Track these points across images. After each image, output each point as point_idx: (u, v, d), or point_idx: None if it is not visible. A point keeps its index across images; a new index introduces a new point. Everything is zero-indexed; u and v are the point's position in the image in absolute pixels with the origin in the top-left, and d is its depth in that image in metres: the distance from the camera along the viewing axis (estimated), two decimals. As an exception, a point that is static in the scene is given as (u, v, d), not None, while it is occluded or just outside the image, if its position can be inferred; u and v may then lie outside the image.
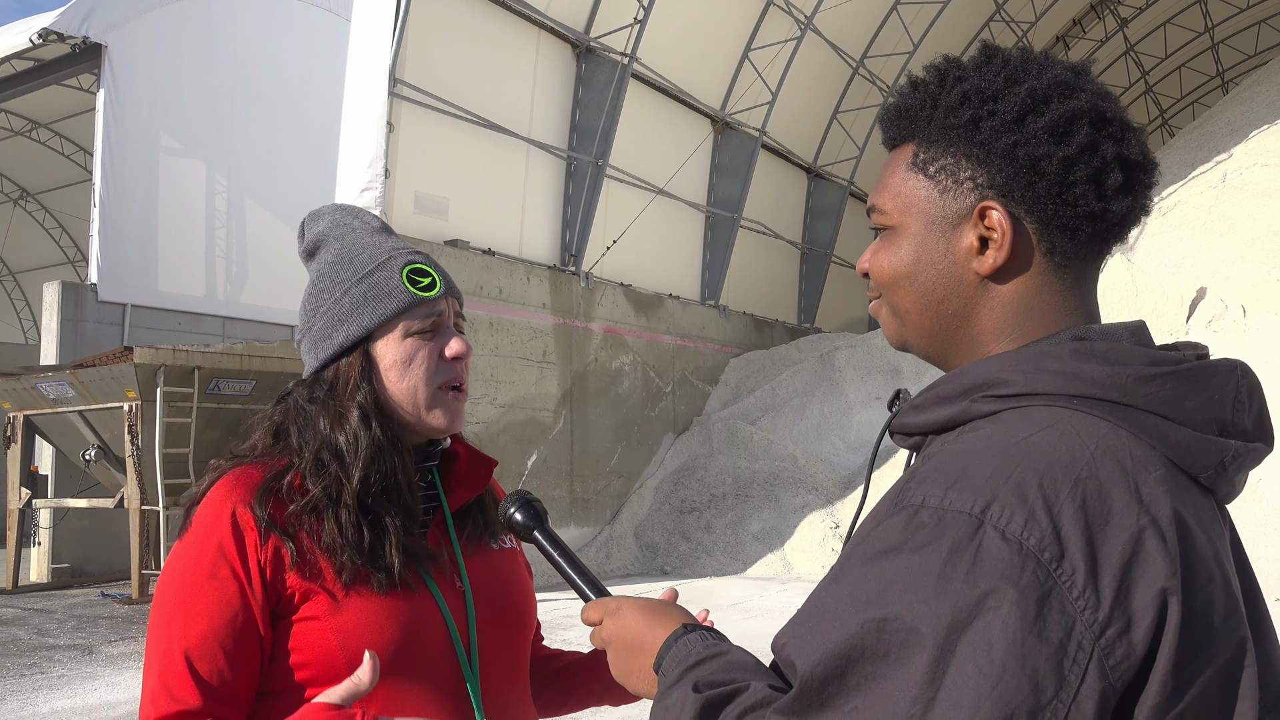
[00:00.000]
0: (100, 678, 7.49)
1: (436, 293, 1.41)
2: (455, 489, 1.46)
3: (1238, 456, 0.88)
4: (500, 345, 12.17)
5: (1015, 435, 0.85)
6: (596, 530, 13.32)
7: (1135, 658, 0.77)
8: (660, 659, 1.00)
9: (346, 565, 1.29)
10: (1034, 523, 0.78)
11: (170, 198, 16.65)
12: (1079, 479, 0.81)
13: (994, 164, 0.92)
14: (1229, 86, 28.06)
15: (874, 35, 18.82)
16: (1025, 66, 0.95)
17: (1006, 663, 0.74)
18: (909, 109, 0.99)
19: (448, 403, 1.40)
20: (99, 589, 12.60)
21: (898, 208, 0.99)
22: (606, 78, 13.82)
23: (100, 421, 11.62)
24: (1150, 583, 0.78)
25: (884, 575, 0.80)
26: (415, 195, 11.71)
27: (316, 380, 1.40)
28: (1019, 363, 0.90)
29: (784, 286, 19.35)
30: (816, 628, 0.82)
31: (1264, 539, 9.85)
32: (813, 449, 14.22)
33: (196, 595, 1.25)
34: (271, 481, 1.32)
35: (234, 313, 17.35)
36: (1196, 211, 14.34)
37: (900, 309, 1.00)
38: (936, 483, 0.83)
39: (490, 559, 1.46)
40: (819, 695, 0.80)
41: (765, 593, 10.63)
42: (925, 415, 0.94)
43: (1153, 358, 0.89)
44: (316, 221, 1.50)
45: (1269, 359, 11.82)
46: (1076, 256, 0.94)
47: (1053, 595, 0.76)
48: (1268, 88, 18.17)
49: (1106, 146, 0.91)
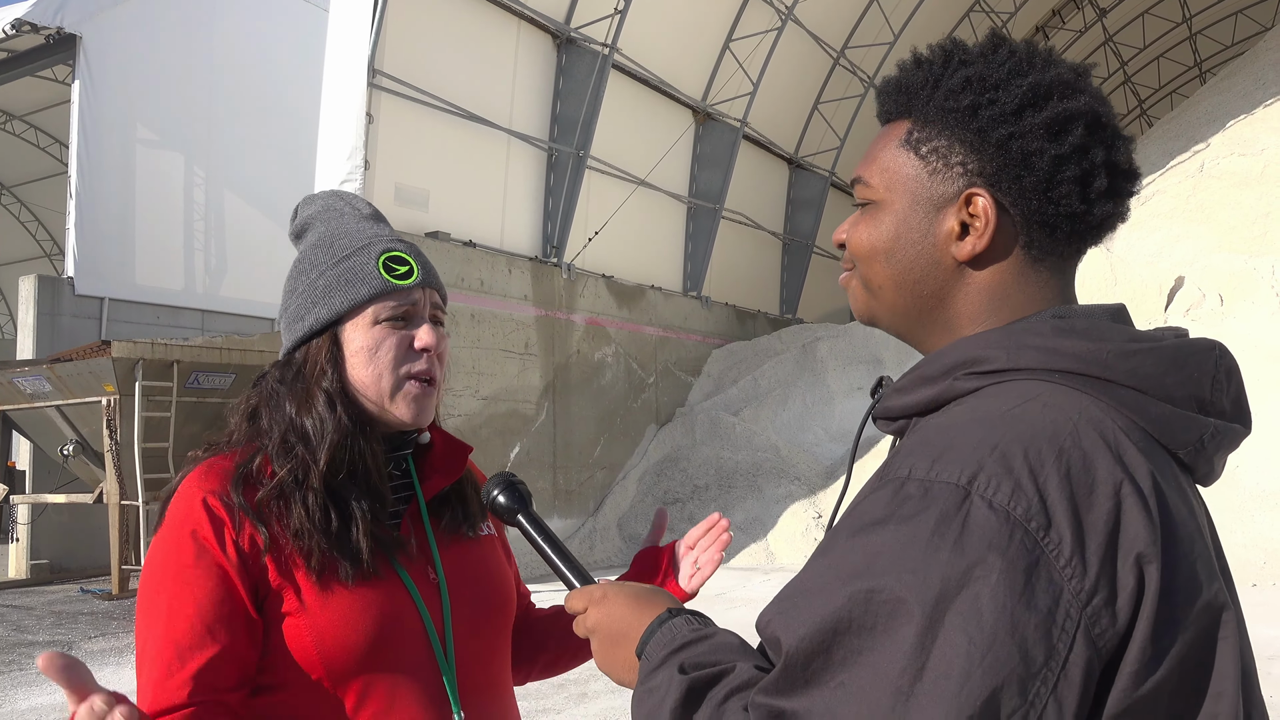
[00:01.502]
0: (80, 674, 7.44)
1: (412, 282, 1.39)
2: (430, 477, 1.45)
3: (1216, 435, 0.89)
4: (482, 337, 12.14)
5: (999, 407, 0.86)
6: (580, 522, 13.32)
7: (1120, 625, 0.77)
8: (644, 644, 0.99)
9: (314, 550, 1.28)
10: (1020, 492, 0.79)
11: (148, 190, 16.50)
12: (1063, 449, 0.81)
13: (987, 152, 0.93)
14: (1206, 77, 28.26)
15: (854, 26, 18.84)
16: (1030, 60, 0.95)
17: (996, 631, 0.74)
18: (909, 85, 0.99)
19: (413, 394, 1.38)
20: (78, 585, 12.51)
21: (884, 183, 0.99)
22: (587, 68, 13.78)
23: (78, 416, 11.52)
24: (1131, 550, 0.79)
25: (871, 547, 0.80)
26: (395, 187, 11.65)
27: (289, 361, 1.40)
28: (1002, 339, 0.90)
29: (766, 277, 19.38)
30: (802, 603, 0.82)
31: (1240, 524, 9.95)
32: (795, 439, 14.26)
33: (181, 585, 1.24)
34: (242, 468, 1.32)
35: (213, 306, 17.22)
36: (1175, 201, 14.44)
37: (874, 283, 1.00)
38: (922, 455, 0.84)
39: (467, 548, 1.45)
40: (804, 672, 0.79)
41: (749, 583, 10.66)
42: (909, 397, 0.94)
43: (1133, 335, 0.90)
44: (310, 205, 1.50)
45: (1245, 348, 11.93)
46: (1053, 253, 0.95)
47: (1040, 564, 0.77)
48: (1244, 78, 18.30)
49: (1097, 151, 0.92)
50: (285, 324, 1.42)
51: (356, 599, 1.29)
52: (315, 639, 1.26)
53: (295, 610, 1.27)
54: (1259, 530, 9.83)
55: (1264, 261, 13.10)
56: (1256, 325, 12.26)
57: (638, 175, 15.05)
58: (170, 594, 1.24)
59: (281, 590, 1.27)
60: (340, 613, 1.27)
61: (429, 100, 11.95)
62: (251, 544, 1.27)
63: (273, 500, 1.30)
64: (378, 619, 1.29)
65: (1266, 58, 18.60)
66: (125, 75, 16.08)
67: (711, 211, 16.71)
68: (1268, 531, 9.79)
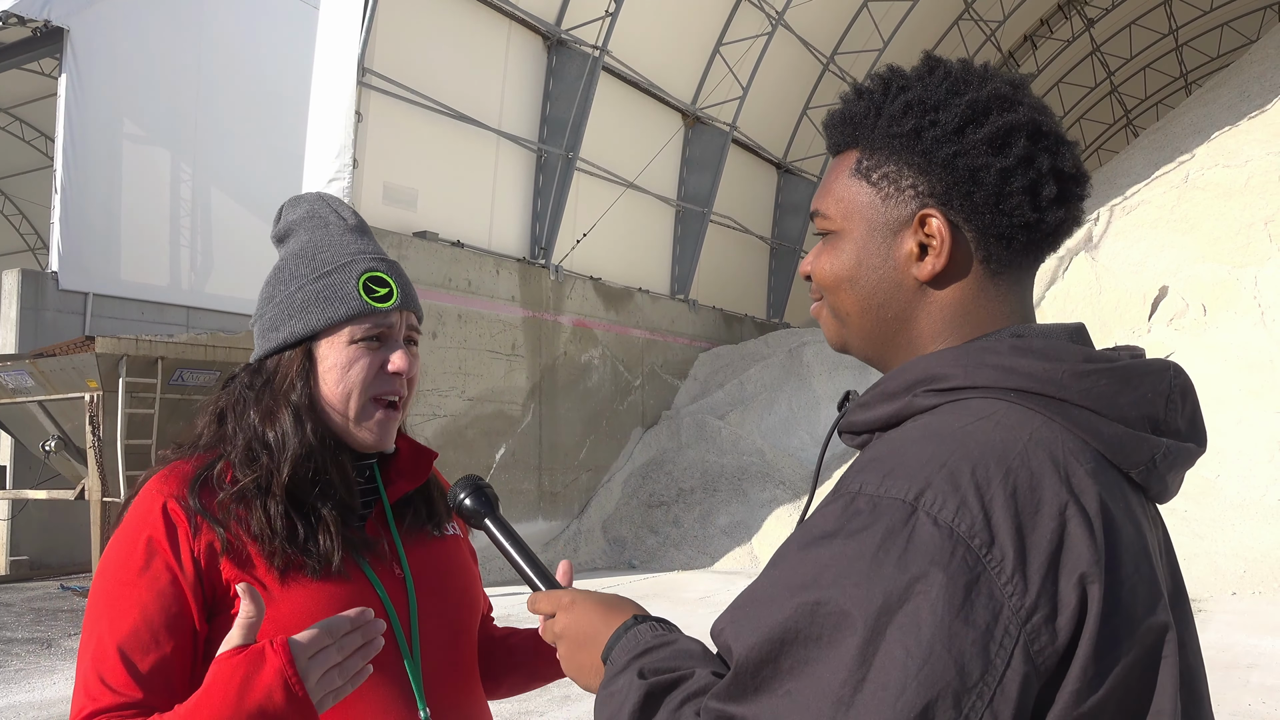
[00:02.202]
0: (59, 671, 7.39)
1: (390, 305, 1.40)
2: (395, 481, 1.46)
3: (1169, 455, 0.91)
4: (469, 338, 12.12)
5: (951, 425, 0.87)
6: (564, 524, 13.31)
7: (1060, 643, 0.79)
8: (609, 649, 1.01)
9: (277, 552, 1.29)
10: (965, 509, 0.80)
11: (134, 185, 16.40)
12: (1011, 468, 0.83)
13: (934, 173, 0.94)
14: (1192, 88, 28.47)
15: (844, 32, 18.91)
16: (966, 79, 0.97)
17: (933, 645, 0.76)
18: (853, 116, 1.01)
19: (378, 420, 1.39)
20: (58, 582, 12.42)
21: (840, 213, 1.01)
22: (577, 70, 13.78)
23: (60, 412, 11.44)
24: (1074, 570, 0.80)
25: (819, 560, 0.82)
26: (384, 186, 11.63)
27: (259, 368, 1.41)
28: (960, 358, 0.92)
29: (753, 281, 19.41)
30: (752, 612, 0.84)
31: (1221, 534, 10.02)
32: (780, 443, 14.28)
33: (129, 588, 1.25)
34: (202, 472, 1.33)
35: (199, 302, 17.12)
36: (1159, 211, 14.54)
37: (841, 311, 1.02)
38: (874, 470, 0.85)
39: (432, 547, 1.46)
40: (754, 679, 0.81)
41: (733, 586, 10.67)
42: (871, 412, 0.96)
43: (1088, 355, 0.91)
44: (295, 207, 1.49)
45: (1228, 357, 12.02)
46: (1011, 264, 0.96)
47: (981, 580, 0.78)
48: (1229, 90, 18.44)
49: (1042, 159, 0.94)
50: (260, 330, 1.42)
51: (319, 592, 1.30)
52: (275, 631, 1.26)
53: None
54: (1239, 540, 9.91)
55: (1247, 272, 13.21)
56: (1239, 335, 12.35)
57: (627, 178, 15.05)
58: (117, 596, 1.25)
59: None
60: (301, 604, 1.28)
61: (419, 100, 11.93)
62: (209, 549, 1.28)
63: (233, 503, 1.31)
64: (340, 612, 1.30)
65: (1251, 70, 18.75)
66: (113, 69, 15.99)
67: (700, 215, 16.73)
68: (1248, 541, 9.86)
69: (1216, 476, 10.81)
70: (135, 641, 1.22)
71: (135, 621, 1.23)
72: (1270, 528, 9.94)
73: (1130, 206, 15.01)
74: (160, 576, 1.25)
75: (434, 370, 11.44)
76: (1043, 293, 13.88)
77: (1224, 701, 5.69)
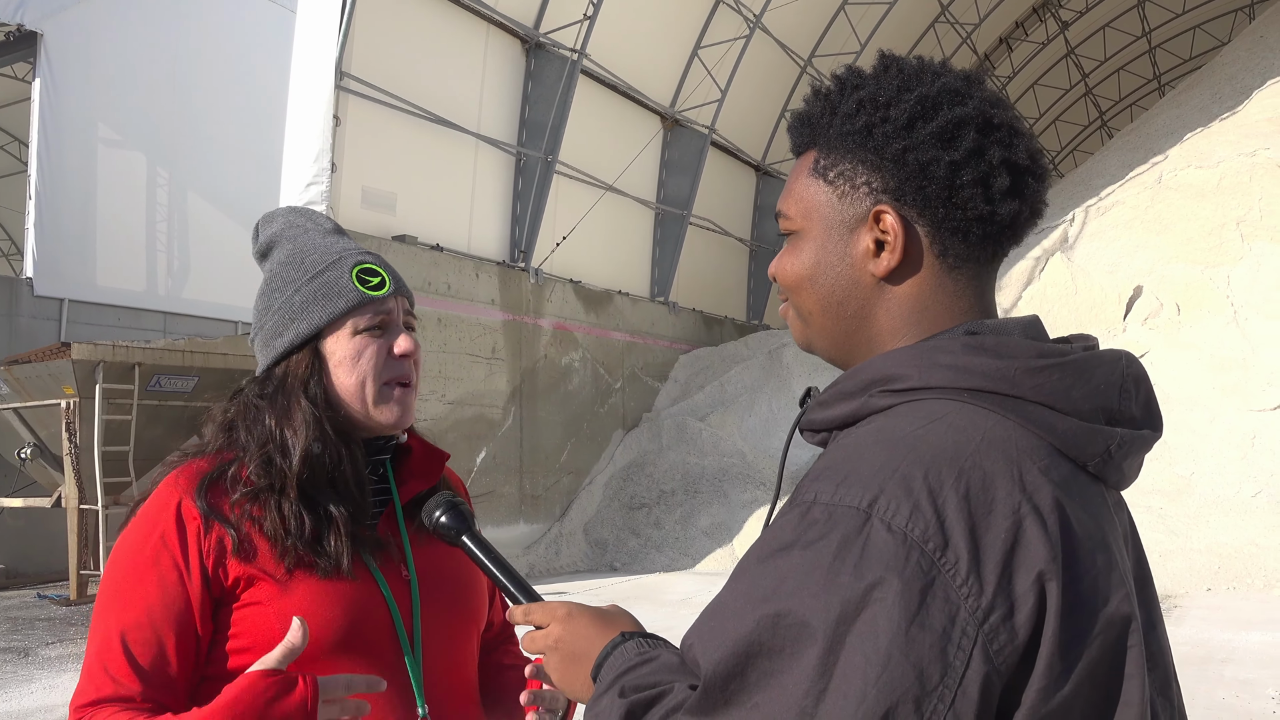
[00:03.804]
0: (37, 680, 7.33)
1: (386, 292, 1.44)
2: (407, 481, 1.49)
3: (1124, 444, 0.91)
4: (449, 341, 12.09)
5: (903, 429, 0.88)
6: (546, 527, 13.30)
7: (1019, 642, 0.79)
8: (598, 667, 1.03)
9: (289, 551, 1.32)
10: (918, 514, 0.81)
11: (109, 190, 16.26)
12: (963, 470, 0.83)
13: (886, 169, 0.95)
14: (1165, 90, 28.75)
15: (822, 35, 19.00)
16: (919, 75, 0.98)
17: (891, 651, 0.77)
18: (810, 116, 1.02)
19: (395, 398, 1.43)
20: (36, 590, 12.30)
21: (800, 213, 1.01)
22: (556, 74, 13.78)
23: (36, 419, 11.33)
24: (1030, 568, 0.80)
25: (778, 571, 0.83)
26: (362, 190, 11.59)
27: (267, 377, 1.43)
28: (913, 358, 0.92)
29: (733, 283, 19.46)
30: (717, 626, 0.85)
31: (1196, 531, 10.13)
32: (761, 445, 14.33)
33: (137, 582, 1.29)
34: (216, 473, 1.35)
35: (176, 308, 16.98)
36: (1134, 212, 14.69)
37: (804, 311, 1.03)
38: (828, 479, 0.86)
39: (441, 551, 1.47)
40: (723, 693, 0.82)
41: (714, 587, 10.67)
42: (829, 411, 0.97)
43: (1041, 350, 0.91)
44: (270, 223, 1.53)
45: (1201, 356, 12.16)
46: (969, 258, 0.97)
47: (936, 584, 0.78)
48: (1201, 91, 18.65)
49: (993, 151, 0.94)
50: (262, 342, 1.45)
51: (326, 589, 1.33)
52: (281, 625, 1.29)
53: (264, 599, 1.31)
54: (1213, 536, 10.02)
55: (1219, 272, 13.36)
56: (1212, 334, 12.49)
57: (606, 181, 15.07)
58: (127, 589, 1.29)
59: (251, 581, 1.31)
60: (308, 600, 1.31)
61: (397, 103, 11.90)
62: (218, 546, 1.31)
63: (247, 503, 1.34)
64: (346, 610, 1.33)
65: (1223, 72, 18.97)
66: (87, 74, 15.86)
67: (679, 218, 16.76)
68: (1221, 537, 9.98)
69: (1191, 474, 10.93)
70: (138, 635, 1.27)
71: (140, 615, 1.28)
72: (1243, 524, 10.06)
73: (1105, 207, 15.15)
74: (168, 574, 1.30)
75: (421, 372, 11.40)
76: (1019, 293, 13.99)
77: (1198, 695, 5.76)
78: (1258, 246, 13.34)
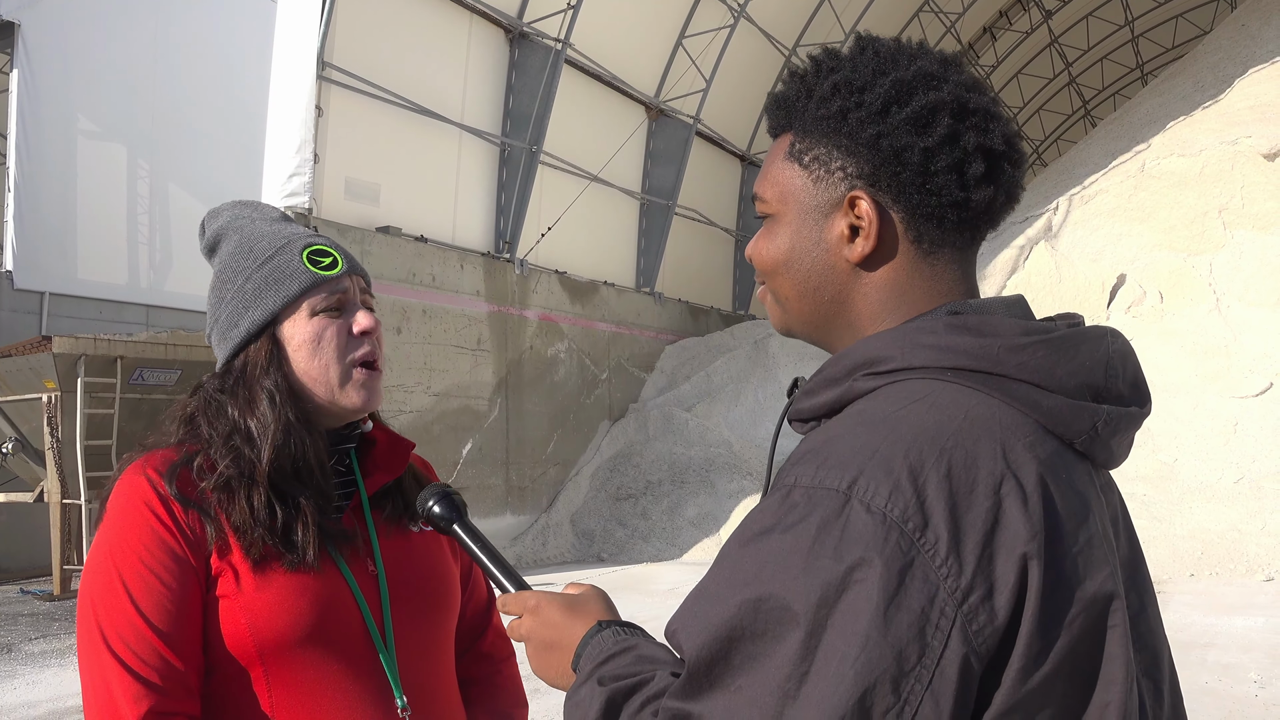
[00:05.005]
0: (20, 676, 7.28)
1: (339, 271, 1.41)
2: (373, 473, 1.47)
3: (1110, 421, 0.90)
4: (434, 333, 12.05)
5: (884, 410, 0.87)
6: (533, 518, 13.29)
7: (999, 623, 0.79)
8: (577, 657, 1.03)
9: (256, 543, 1.29)
10: (898, 494, 0.80)
11: (89, 182, 16.11)
12: (944, 449, 0.82)
13: (861, 154, 0.94)
14: (1148, 79, 28.88)
15: (806, 24, 18.98)
16: (895, 58, 0.97)
17: (869, 633, 0.76)
18: (787, 99, 1.01)
19: (361, 381, 1.40)
20: (18, 585, 12.23)
21: (776, 196, 1.01)
22: (540, 64, 13.73)
23: (18, 413, 11.25)
24: (1011, 548, 0.80)
25: (760, 555, 0.82)
26: (346, 181, 11.52)
27: (227, 370, 1.41)
28: (896, 339, 0.91)
29: (718, 273, 19.46)
30: (700, 611, 0.85)
31: (1179, 517, 10.21)
32: (748, 434, 14.35)
33: (140, 566, 1.26)
34: (181, 462, 1.33)
35: (158, 301, 16.87)
36: (1117, 200, 14.75)
37: (781, 295, 1.02)
38: (809, 462, 0.85)
39: (409, 541, 1.47)
40: (707, 677, 0.82)
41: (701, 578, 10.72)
42: (816, 399, 0.96)
43: (1025, 328, 0.90)
44: (215, 218, 1.51)
45: (1184, 343, 12.24)
46: (946, 243, 0.96)
47: (915, 564, 0.78)
48: (1184, 80, 18.73)
49: (968, 137, 0.93)
50: (218, 335, 1.42)
51: (293, 583, 1.30)
52: (249, 620, 1.27)
53: (231, 593, 1.28)
54: (1197, 522, 10.10)
55: (1202, 260, 13.44)
56: (1194, 321, 12.58)
57: (590, 171, 15.03)
58: (126, 580, 1.25)
59: (220, 574, 1.29)
60: (276, 594, 1.29)
61: (380, 94, 11.83)
62: (194, 529, 1.29)
63: (215, 492, 1.31)
64: (313, 604, 1.31)
65: (1205, 61, 19.05)
66: (66, 65, 15.69)
67: (664, 208, 16.75)
68: (1205, 523, 10.06)
69: (1174, 460, 11.01)
70: (140, 644, 1.23)
71: (139, 617, 1.24)
72: (1227, 510, 10.14)
73: (1088, 196, 15.21)
74: (167, 551, 1.27)
75: (399, 366, 11.37)
76: (1003, 282, 14.04)
77: (1182, 680, 5.77)
78: (1240, 234, 13.42)
